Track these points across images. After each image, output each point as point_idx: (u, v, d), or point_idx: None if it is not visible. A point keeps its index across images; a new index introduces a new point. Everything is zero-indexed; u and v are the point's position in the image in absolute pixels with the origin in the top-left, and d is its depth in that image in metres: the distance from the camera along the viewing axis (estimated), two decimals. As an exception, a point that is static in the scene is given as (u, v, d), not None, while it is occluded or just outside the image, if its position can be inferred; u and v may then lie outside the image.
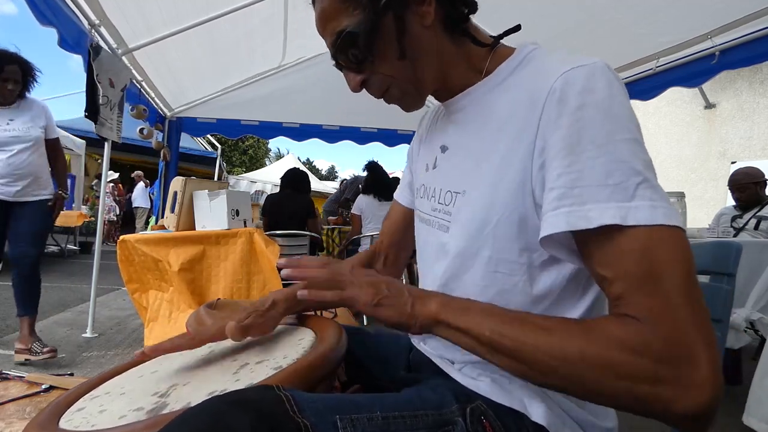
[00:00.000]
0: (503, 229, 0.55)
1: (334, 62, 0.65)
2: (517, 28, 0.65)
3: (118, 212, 9.03)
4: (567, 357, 0.43)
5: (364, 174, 3.97)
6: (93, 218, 6.16)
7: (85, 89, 2.45)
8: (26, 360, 2.17)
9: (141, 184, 9.30)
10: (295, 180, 3.51)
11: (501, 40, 0.65)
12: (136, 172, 9.38)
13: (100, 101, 2.51)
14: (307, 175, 3.73)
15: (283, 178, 3.56)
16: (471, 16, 0.64)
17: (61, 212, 2.46)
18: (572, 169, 0.47)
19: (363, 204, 3.64)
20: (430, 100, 0.71)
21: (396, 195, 0.89)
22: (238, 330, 0.63)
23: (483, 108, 0.62)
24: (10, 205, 2.26)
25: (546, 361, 0.44)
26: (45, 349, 2.18)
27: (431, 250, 0.68)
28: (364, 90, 0.65)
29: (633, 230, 0.44)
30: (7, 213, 2.26)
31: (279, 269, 0.62)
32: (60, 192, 2.43)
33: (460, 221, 0.61)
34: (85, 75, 2.41)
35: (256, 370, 0.58)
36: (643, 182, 0.45)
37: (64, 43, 2.10)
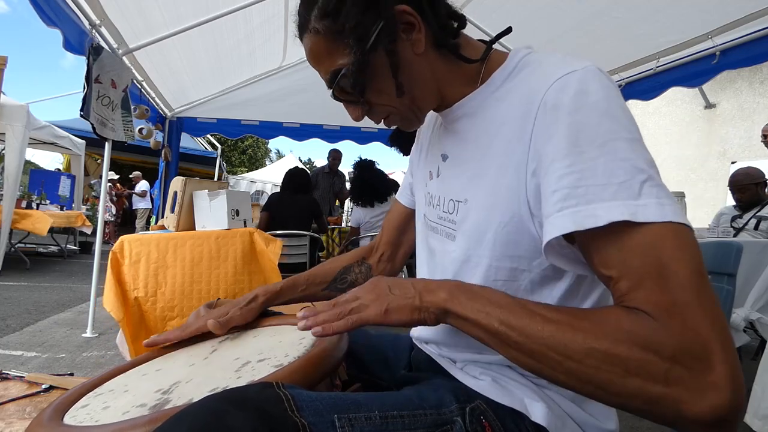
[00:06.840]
0: (501, 237, 0.55)
1: (331, 95, 0.64)
2: (508, 30, 0.65)
3: (114, 212, 8.81)
4: (574, 352, 0.41)
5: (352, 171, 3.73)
6: (90, 224, 6.09)
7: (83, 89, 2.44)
8: None
9: (138, 187, 9.02)
10: (296, 180, 3.48)
11: (494, 44, 0.64)
12: (134, 172, 9.26)
13: (102, 102, 2.51)
14: (307, 173, 3.68)
15: (285, 178, 3.52)
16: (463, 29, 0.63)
17: (62, 212, 2.43)
18: (573, 169, 0.46)
19: (360, 215, 3.52)
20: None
21: (398, 195, 0.89)
22: (217, 325, 0.73)
23: (479, 117, 0.61)
24: None
25: (552, 356, 0.42)
26: None
27: (439, 258, 0.68)
28: None
29: (641, 227, 0.42)
30: None
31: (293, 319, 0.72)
32: None
33: (463, 230, 0.61)
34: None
35: (257, 368, 0.58)
36: (648, 180, 0.44)
37: (68, 45, 2.10)
